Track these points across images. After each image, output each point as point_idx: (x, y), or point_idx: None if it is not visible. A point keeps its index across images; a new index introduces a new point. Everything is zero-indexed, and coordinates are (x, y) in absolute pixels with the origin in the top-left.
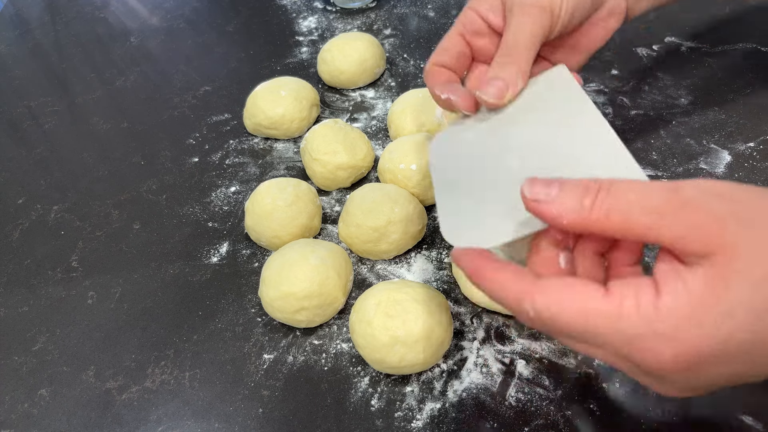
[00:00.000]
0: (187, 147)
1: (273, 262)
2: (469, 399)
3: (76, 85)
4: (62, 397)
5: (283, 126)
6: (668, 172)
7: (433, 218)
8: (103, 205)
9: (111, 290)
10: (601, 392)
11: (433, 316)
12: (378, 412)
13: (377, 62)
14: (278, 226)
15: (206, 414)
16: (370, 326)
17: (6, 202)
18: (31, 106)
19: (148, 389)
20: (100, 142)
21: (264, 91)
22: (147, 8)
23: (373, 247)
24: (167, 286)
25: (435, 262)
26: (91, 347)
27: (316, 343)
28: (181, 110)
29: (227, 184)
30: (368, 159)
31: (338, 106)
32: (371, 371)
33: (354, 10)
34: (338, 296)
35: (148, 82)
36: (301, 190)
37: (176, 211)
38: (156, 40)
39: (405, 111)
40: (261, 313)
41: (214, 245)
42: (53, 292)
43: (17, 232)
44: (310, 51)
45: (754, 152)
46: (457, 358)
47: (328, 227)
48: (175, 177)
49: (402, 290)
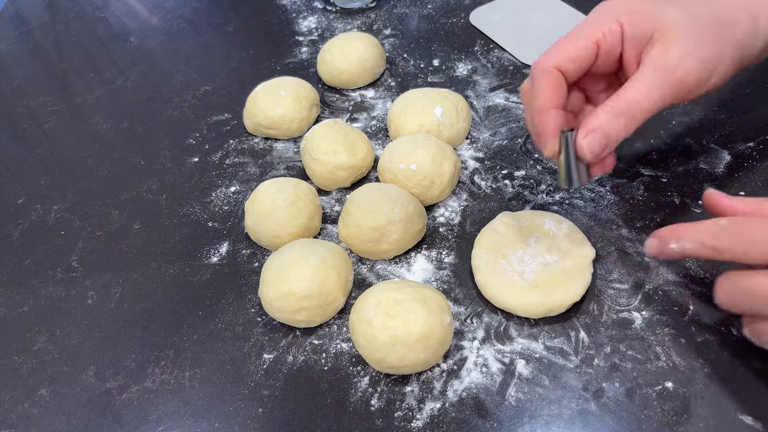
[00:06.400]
0: (187, 147)
1: (273, 262)
2: (469, 399)
3: (76, 85)
4: (62, 397)
5: (283, 126)
6: (668, 171)
7: (433, 218)
8: (103, 205)
9: (111, 290)
10: (601, 392)
11: (433, 316)
12: (378, 411)
13: (377, 62)
14: (278, 226)
15: (206, 414)
16: (370, 326)
17: (6, 202)
18: (31, 106)
19: (148, 389)
20: (100, 142)
21: (264, 91)
22: (147, 8)
23: (373, 247)
24: (167, 286)
25: (435, 262)
26: (91, 347)
27: (316, 343)
28: (181, 110)
29: (227, 184)
30: (368, 159)
31: (338, 106)
32: (371, 371)
33: (354, 10)
34: (338, 296)
35: (148, 82)
36: (301, 190)
37: (176, 211)
38: (156, 40)
39: (405, 111)
40: (261, 313)
41: (214, 245)
42: (53, 292)
43: (17, 232)
44: (310, 51)
45: (754, 152)
46: (457, 357)
47: (328, 227)
48: (175, 177)
49: (402, 290)
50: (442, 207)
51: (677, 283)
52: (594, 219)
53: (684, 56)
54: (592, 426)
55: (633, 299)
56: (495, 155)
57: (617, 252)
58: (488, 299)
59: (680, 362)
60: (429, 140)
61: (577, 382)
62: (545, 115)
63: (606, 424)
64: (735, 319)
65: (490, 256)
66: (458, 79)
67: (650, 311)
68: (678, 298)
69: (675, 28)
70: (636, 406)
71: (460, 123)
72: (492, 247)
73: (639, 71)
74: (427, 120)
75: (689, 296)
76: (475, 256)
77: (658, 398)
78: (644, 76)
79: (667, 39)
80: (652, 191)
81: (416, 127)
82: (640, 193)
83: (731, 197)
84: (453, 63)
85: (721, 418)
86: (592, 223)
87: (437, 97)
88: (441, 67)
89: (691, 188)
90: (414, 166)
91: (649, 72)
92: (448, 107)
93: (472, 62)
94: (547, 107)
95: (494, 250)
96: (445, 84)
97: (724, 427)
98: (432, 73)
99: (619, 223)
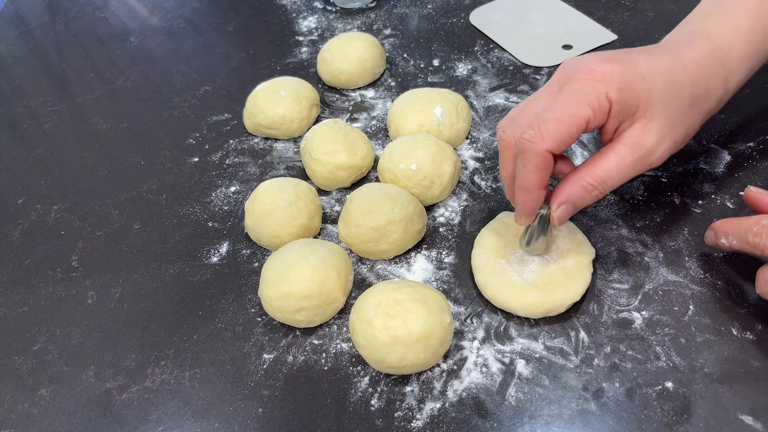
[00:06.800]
0: (187, 147)
1: (273, 262)
2: (469, 399)
3: (76, 85)
4: (62, 397)
5: (283, 126)
6: (668, 171)
7: (433, 218)
8: (103, 205)
9: (111, 290)
10: (601, 392)
11: (433, 316)
12: (378, 411)
13: (377, 62)
14: (278, 226)
15: (206, 414)
16: (370, 326)
17: (6, 202)
18: (31, 106)
19: (148, 389)
20: (100, 142)
21: (264, 91)
22: (147, 8)
23: (373, 247)
24: (167, 286)
25: (435, 262)
26: (91, 347)
27: (316, 343)
28: (181, 110)
29: (227, 184)
30: (368, 159)
31: (338, 106)
32: (371, 371)
33: (354, 10)
34: (338, 296)
35: (148, 82)
36: (301, 190)
37: (176, 211)
38: (156, 40)
39: (405, 111)
40: (261, 313)
41: (214, 245)
42: (53, 292)
43: (17, 232)
44: (310, 51)
45: (754, 152)
46: (457, 357)
47: (328, 227)
48: (175, 177)
49: (402, 290)
50: (442, 207)
51: (677, 283)
52: (594, 219)
53: (660, 140)
54: (592, 426)
55: (633, 299)
56: (495, 155)
57: (617, 252)
58: (488, 299)
59: (680, 362)
60: (429, 140)
61: (577, 382)
62: (532, 194)
63: (606, 424)
64: (735, 319)
65: (489, 256)
66: (458, 79)
67: (650, 311)
68: (678, 298)
69: (657, 107)
70: (636, 406)
71: (460, 123)
72: (492, 247)
73: (615, 145)
74: (427, 120)
75: (689, 296)
76: (474, 256)
77: (658, 398)
78: (620, 154)
79: (648, 119)
80: (652, 191)
81: (416, 127)
82: (640, 193)
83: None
84: (453, 63)
85: (721, 418)
86: (592, 223)
87: (437, 97)
88: (441, 67)
89: (691, 188)
90: (414, 166)
91: (625, 150)
92: (448, 107)
93: (472, 62)
94: (534, 189)
95: (494, 250)
96: (445, 84)
97: (724, 427)
98: (432, 73)
99: (619, 223)
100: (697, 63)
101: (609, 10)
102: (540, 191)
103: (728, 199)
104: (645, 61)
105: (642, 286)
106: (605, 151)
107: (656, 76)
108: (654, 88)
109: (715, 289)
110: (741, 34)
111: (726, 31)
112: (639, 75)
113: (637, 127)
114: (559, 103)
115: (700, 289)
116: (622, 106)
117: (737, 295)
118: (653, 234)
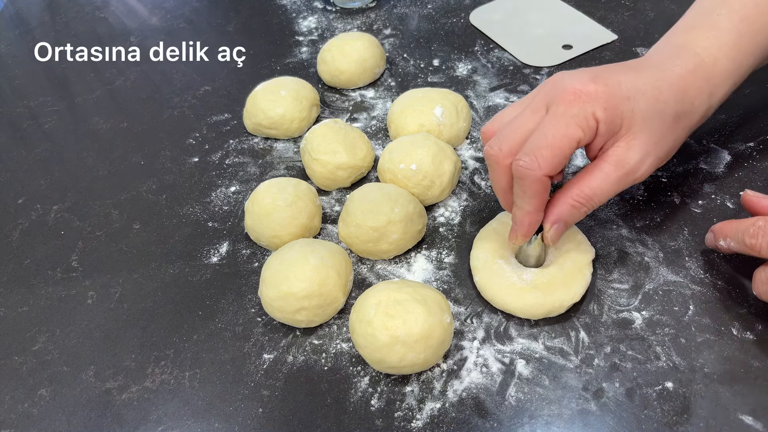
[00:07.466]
0: (187, 147)
1: (273, 262)
2: (469, 399)
3: (76, 85)
4: (62, 397)
5: (283, 126)
6: (668, 171)
7: (433, 218)
8: (103, 205)
9: (111, 290)
10: (601, 392)
11: (433, 316)
12: (378, 411)
13: (377, 62)
14: (278, 226)
15: (206, 414)
16: (370, 326)
17: (6, 202)
18: (31, 106)
19: (148, 389)
20: (100, 142)
21: (264, 91)
22: (147, 8)
23: (373, 247)
24: (167, 286)
25: (435, 262)
26: (91, 347)
27: (316, 343)
28: (181, 110)
29: (227, 184)
30: (368, 159)
31: (338, 106)
32: (371, 371)
33: (354, 10)
34: (338, 296)
35: (148, 82)
36: (301, 190)
37: (176, 211)
38: (156, 40)
39: (405, 111)
40: (261, 313)
41: (214, 245)
42: (53, 292)
43: (17, 232)
44: (310, 51)
45: (753, 152)
46: (457, 357)
47: (328, 227)
48: (175, 177)
49: (402, 290)
50: (442, 207)
51: (677, 283)
52: (594, 219)
53: (644, 157)
54: (592, 426)
55: (633, 299)
56: None
57: (617, 252)
58: (488, 300)
59: (680, 362)
60: (429, 140)
61: (577, 382)
62: (532, 216)
63: (606, 424)
64: (735, 319)
65: (488, 256)
66: (458, 79)
67: (650, 311)
68: (678, 298)
69: (640, 126)
70: (636, 406)
71: (460, 123)
72: (490, 247)
73: (600, 163)
74: (427, 120)
75: (689, 296)
76: (473, 257)
77: (658, 398)
78: (605, 171)
79: (631, 137)
80: (652, 191)
81: (416, 127)
82: (640, 193)
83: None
84: (453, 63)
85: (721, 418)
86: (592, 223)
87: (437, 97)
88: (441, 67)
89: (691, 188)
90: (414, 166)
91: (609, 168)
92: (448, 107)
93: (472, 62)
94: (535, 212)
95: (492, 251)
96: (445, 84)
97: (724, 427)
98: (432, 73)
99: (619, 223)
100: (682, 79)
101: (609, 10)
102: (540, 213)
103: (728, 199)
104: (629, 80)
105: (642, 286)
106: (591, 169)
107: (639, 96)
108: (637, 108)
109: (715, 289)
110: (725, 50)
111: (711, 45)
112: (623, 95)
113: (621, 145)
114: (549, 127)
115: (700, 289)
116: (608, 125)
117: (737, 295)
118: (653, 234)
